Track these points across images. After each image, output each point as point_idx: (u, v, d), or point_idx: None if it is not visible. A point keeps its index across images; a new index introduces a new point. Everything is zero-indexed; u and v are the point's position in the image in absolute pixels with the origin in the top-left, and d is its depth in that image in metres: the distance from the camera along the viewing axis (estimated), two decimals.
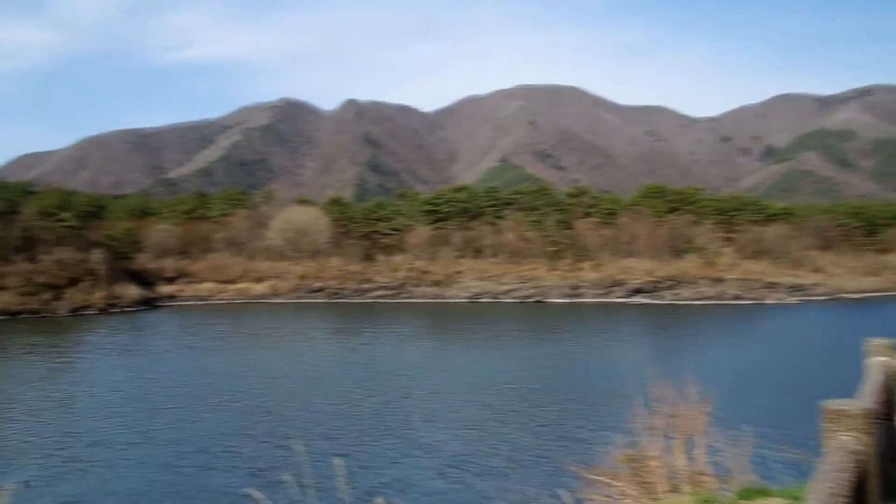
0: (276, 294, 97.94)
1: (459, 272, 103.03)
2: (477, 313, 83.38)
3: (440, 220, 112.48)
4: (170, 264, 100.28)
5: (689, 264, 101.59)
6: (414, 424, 30.51)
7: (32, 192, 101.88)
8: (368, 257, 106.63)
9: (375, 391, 37.75)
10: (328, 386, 39.48)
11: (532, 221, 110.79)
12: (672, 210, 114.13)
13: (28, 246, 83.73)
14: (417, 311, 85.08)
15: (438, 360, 49.88)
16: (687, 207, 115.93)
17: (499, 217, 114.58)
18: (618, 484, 9.04)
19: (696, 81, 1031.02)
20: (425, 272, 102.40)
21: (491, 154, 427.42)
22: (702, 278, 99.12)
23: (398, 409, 33.78)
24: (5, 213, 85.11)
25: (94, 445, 27.52)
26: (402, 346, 56.93)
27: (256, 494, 7.72)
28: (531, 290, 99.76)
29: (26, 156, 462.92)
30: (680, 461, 9.01)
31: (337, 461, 7.97)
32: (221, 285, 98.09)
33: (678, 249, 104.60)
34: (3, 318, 74.33)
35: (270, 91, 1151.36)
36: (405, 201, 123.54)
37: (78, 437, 28.91)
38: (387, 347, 55.38)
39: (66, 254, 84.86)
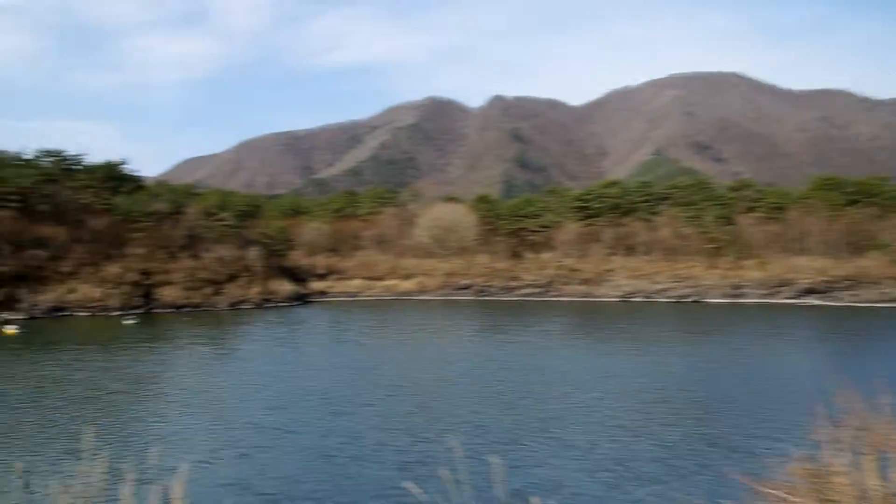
0: (423, 291, 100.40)
1: (610, 270, 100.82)
2: (629, 313, 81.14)
3: (590, 216, 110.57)
4: (321, 261, 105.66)
5: (871, 262, 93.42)
6: (566, 424, 30.11)
7: (196, 194, 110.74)
8: (516, 255, 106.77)
9: (526, 389, 37.65)
10: (476, 383, 39.86)
11: (689, 217, 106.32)
12: (851, 203, 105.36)
13: (192, 244, 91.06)
14: (566, 310, 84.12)
15: (590, 360, 48.97)
16: (869, 200, 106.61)
17: (653, 213, 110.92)
18: (795, 500, 8.40)
19: (880, 60, 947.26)
20: (574, 270, 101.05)
21: (643, 147, 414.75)
22: (888, 278, 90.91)
23: (549, 407, 33.47)
24: (173, 214, 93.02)
25: (254, 432, 29.36)
26: (552, 344, 56.47)
27: (412, 487, 7.83)
28: (687, 290, 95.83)
29: (190, 159, 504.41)
30: (871, 480, 8.23)
31: (493, 459, 7.95)
32: (370, 282, 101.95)
33: (858, 246, 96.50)
34: (169, 310, 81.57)
35: (417, 90, 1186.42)
36: (554, 197, 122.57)
37: (238, 423, 30.99)
38: (536, 346, 55.15)
39: (225, 251, 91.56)
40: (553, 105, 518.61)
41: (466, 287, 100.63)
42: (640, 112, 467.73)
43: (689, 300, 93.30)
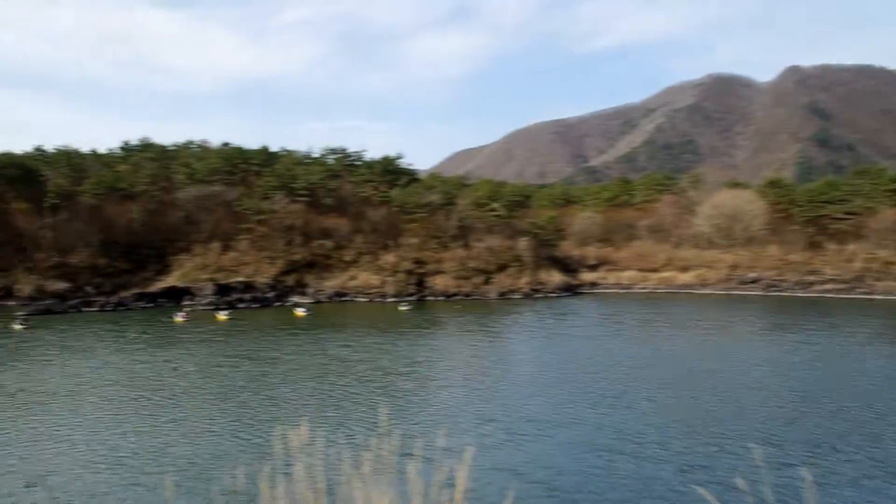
0: (703, 284, 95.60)
1: None
2: None
3: None
4: (592, 252, 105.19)
5: None
6: (881, 441, 26.76)
7: (467, 185, 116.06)
8: (814, 245, 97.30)
9: (826, 397, 34.11)
10: (765, 386, 36.94)
11: None
12: None
13: (463, 234, 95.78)
14: (880, 310, 74.72)
15: None
16: None
17: None
18: None
19: None
20: (890, 263, 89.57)
21: None
22: None
23: (858, 420, 29.97)
24: (445, 205, 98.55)
25: (526, 420, 30.02)
26: (860, 350, 50.47)
27: (705, 495, 7.27)
28: None
29: (461, 152, 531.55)
30: None
31: (799, 471, 7.13)
32: (644, 273, 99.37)
33: None
34: (440, 298, 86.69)
35: (695, 68, 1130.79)
36: (865, 179, 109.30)
37: (511, 410, 31.89)
38: (839, 350, 49.69)
39: (495, 241, 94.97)
40: (865, 71, 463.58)
41: (754, 281, 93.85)
42: None
43: None
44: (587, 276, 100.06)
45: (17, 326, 61.60)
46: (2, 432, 29.28)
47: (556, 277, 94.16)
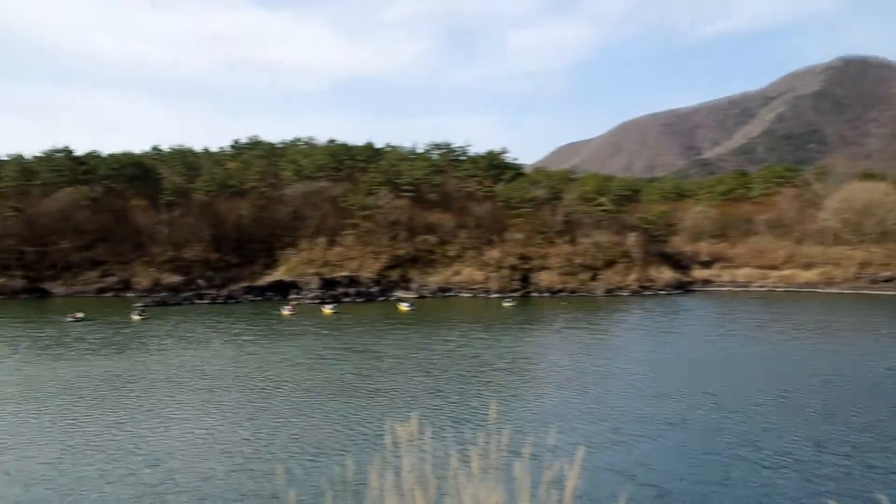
0: (828, 283, 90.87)
1: None
2: None
3: None
4: (705, 248, 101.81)
5: None
6: None
7: (573, 179, 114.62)
8: None
9: None
10: None
11: None
12: None
13: (569, 229, 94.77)
14: None
15: None
16: None
17: None
18: None
19: None
20: None
21: None
22: None
23: None
24: (550, 200, 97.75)
25: (636, 420, 29.36)
26: None
27: None
28: None
29: (566, 145, 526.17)
30: None
31: None
32: (762, 271, 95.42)
33: None
34: (545, 294, 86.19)
35: (822, 52, 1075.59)
36: None
37: (620, 410, 31.27)
38: None
39: (603, 237, 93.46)
40: None
41: (887, 280, 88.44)
42: None
43: None
44: (700, 274, 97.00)
45: (136, 317, 65.39)
46: (123, 416, 31.19)
47: (666, 274, 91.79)
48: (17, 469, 24.43)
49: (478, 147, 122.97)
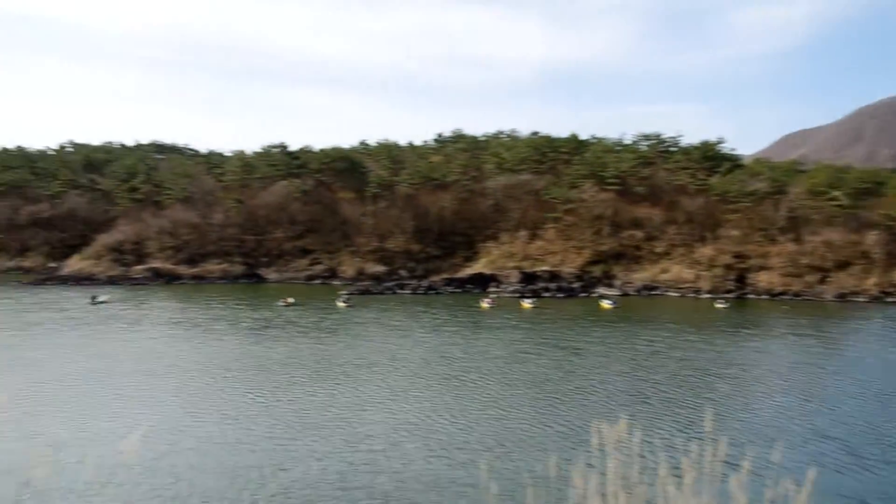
0: None
1: None
2: None
3: None
4: None
5: None
6: None
7: (800, 171, 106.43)
8: None
9: None
10: None
11: None
12: None
13: (794, 226, 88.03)
14: None
15: None
16: None
17: None
18: None
19: None
20: None
21: None
22: None
23: None
24: (773, 194, 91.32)
25: (873, 443, 26.60)
26: None
27: None
28: None
29: (791, 134, 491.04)
30: None
31: None
32: None
33: None
34: (763, 297, 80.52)
35: None
36: None
37: (854, 429, 28.46)
38: None
39: (835, 235, 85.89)
40: None
41: None
42: None
43: None
44: None
45: (341, 304, 69.38)
46: (329, 396, 33.41)
47: None
48: (236, 439, 27.19)
49: (690, 137, 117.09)
